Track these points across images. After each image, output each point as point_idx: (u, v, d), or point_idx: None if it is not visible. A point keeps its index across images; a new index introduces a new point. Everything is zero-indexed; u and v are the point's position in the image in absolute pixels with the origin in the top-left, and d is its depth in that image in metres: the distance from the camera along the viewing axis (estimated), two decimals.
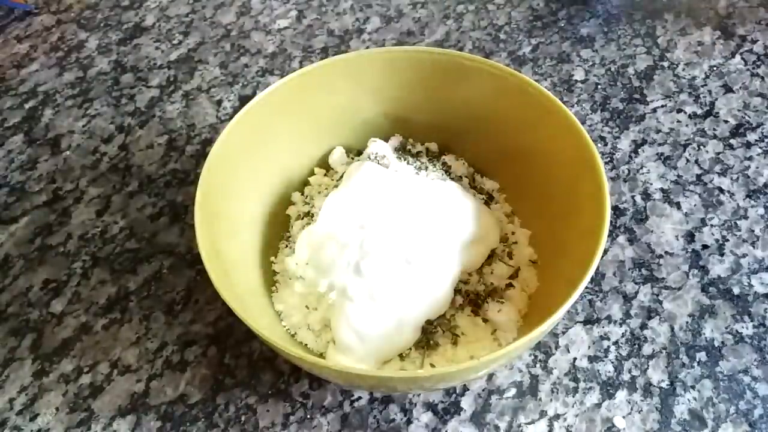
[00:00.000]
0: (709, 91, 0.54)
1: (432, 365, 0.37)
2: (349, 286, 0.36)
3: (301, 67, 0.56)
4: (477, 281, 0.40)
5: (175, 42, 0.62)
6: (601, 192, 0.35)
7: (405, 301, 0.36)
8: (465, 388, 0.39)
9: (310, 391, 0.39)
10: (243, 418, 0.38)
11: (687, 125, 0.52)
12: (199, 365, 0.41)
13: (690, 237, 0.45)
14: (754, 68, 0.56)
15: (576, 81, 0.56)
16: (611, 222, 0.46)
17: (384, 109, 0.46)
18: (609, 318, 0.42)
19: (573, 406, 0.38)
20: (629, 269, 0.44)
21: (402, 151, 0.46)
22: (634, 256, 0.45)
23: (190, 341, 0.42)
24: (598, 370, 0.39)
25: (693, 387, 0.39)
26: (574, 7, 0.63)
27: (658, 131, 0.52)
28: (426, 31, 0.61)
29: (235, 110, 0.55)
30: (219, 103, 0.56)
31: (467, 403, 0.38)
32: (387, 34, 0.61)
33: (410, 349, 0.37)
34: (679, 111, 0.53)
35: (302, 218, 0.43)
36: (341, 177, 0.44)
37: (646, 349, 0.40)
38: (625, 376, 0.39)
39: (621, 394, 0.38)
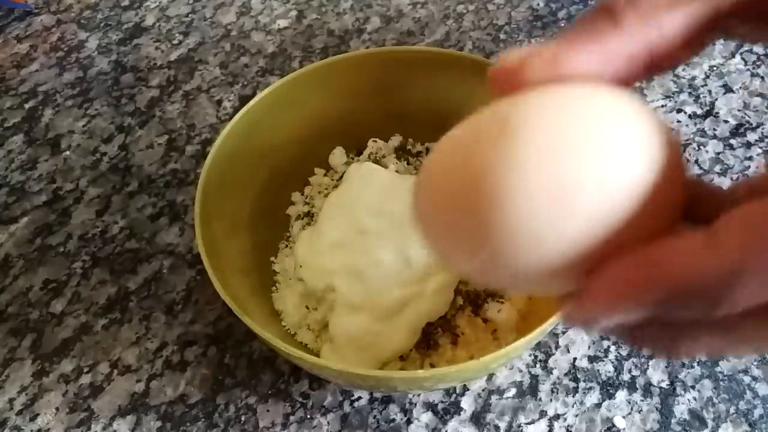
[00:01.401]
0: (709, 91, 0.54)
1: (432, 365, 0.37)
2: (348, 289, 0.36)
3: (301, 67, 0.56)
4: None
5: (175, 42, 0.62)
6: None
7: (405, 304, 0.36)
8: (465, 388, 0.39)
9: (310, 391, 0.39)
10: (243, 418, 0.38)
11: (687, 125, 0.52)
12: (199, 365, 0.41)
13: None
14: (754, 68, 0.56)
15: None
16: None
17: (384, 109, 0.46)
18: None
19: (573, 406, 0.38)
20: None
21: (402, 151, 0.46)
22: None
23: (190, 341, 0.42)
24: (598, 370, 0.39)
25: (693, 387, 0.39)
26: (574, 7, 0.63)
27: None
28: (426, 31, 0.61)
29: (235, 110, 0.55)
30: (219, 103, 0.56)
31: (467, 403, 0.38)
32: (387, 34, 0.61)
33: (410, 349, 0.37)
34: (679, 111, 0.53)
35: (302, 218, 0.43)
36: (341, 177, 0.44)
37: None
38: (625, 376, 0.39)
39: (621, 394, 0.38)
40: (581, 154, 0.14)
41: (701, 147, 0.51)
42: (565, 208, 0.14)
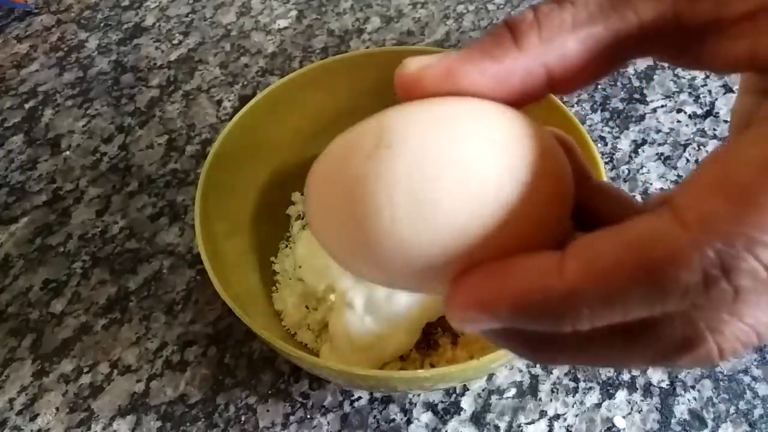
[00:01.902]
0: (709, 91, 0.54)
1: (432, 365, 0.37)
2: (348, 290, 0.36)
3: (301, 67, 0.56)
4: None
5: (175, 42, 0.62)
6: None
7: (405, 305, 0.36)
8: (465, 388, 0.39)
9: (310, 391, 0.39)
10: (243, 418, 0.38)
11: (687, 125, 0.52)
12: (199, 365, 0.41)
13: None
14: None
15: None
16: None
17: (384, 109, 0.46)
18: None
19: (573, 406, 0.38)
20: None
21: None
22: None
23: (190, 341, 0.42)
24: (598, 370, 0.39)
25: (693, 387, 0.39)
26: None
27: (658, 131, 0.52)
28: (426, 31, 0.61)
29: (235, 110, 0.55)
30: (219, 103, 0.56)
31: (467, 403, 0.38)
32: (387, 34, 0.61)
33: (410, 349, 0.37)
34: (679, 111, 0.53)
35: (302, 218, 0.43)
36: None
37: None
38: (625, 376, 0.39)
39: (621, 394, 0.38)
40: (442, 171, 0.15)
41: (701, 147, 0.51)
42: (425, 220, 0.15)
